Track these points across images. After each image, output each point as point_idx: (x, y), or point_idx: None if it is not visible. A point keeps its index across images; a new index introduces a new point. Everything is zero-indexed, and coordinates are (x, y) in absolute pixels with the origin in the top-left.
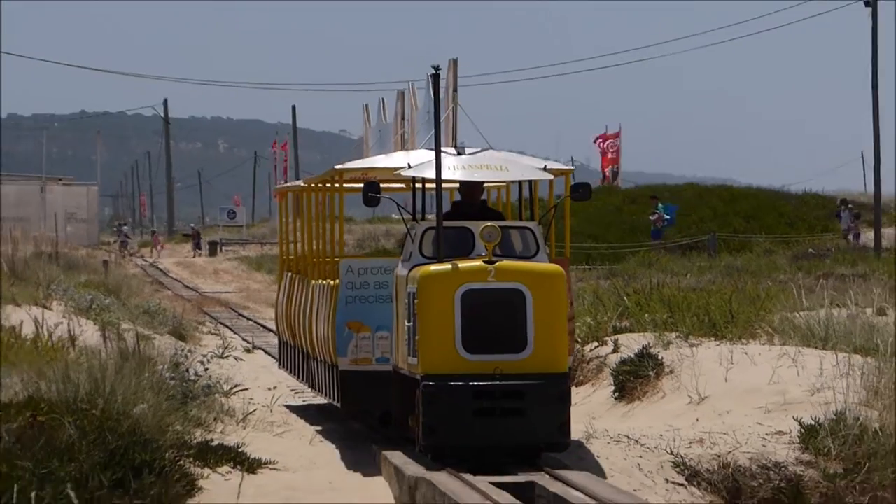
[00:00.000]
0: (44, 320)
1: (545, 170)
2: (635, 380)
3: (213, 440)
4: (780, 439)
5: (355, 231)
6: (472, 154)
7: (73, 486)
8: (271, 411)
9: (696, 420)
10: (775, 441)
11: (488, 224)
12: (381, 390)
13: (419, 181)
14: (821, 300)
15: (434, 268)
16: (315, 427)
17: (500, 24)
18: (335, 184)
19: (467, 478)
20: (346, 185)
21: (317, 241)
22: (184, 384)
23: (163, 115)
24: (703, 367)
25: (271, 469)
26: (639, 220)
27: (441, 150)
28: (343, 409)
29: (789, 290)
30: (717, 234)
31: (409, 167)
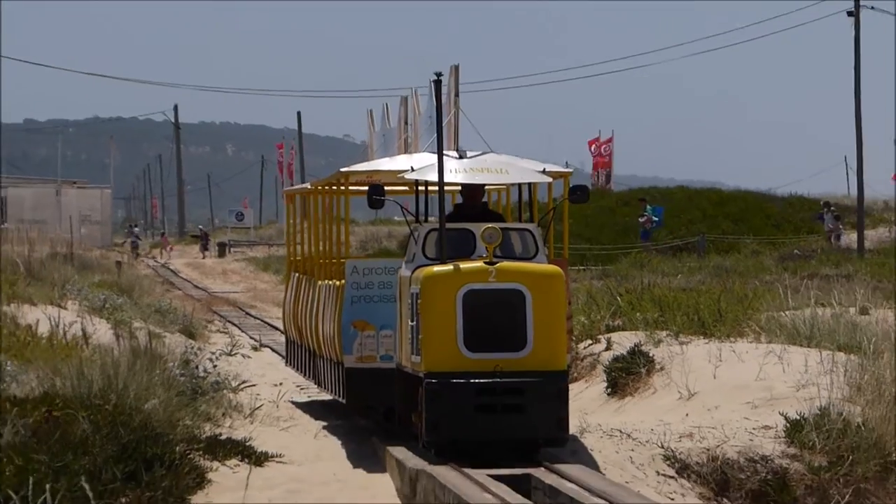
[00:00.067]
0: (59, 319)
1: (544, 173)
2: (627, 376)
3: (221, 434)
4: (767, 433)
5: (358, 233)
6: (473, 157)
7: (86, 479)
8: (277, 407)
9: (686, 415)
10: (762, 435)
11: (489, 226)
12: (385, 387)
13: (422, 184)
14: (806, 300)
15: (437, 269)
16: (320, 422)
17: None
18: (341, 186)
19: (466, 470)
20: (352, 188)
21: (323, 243)
22: (193, 380)
23: (173, 121)
24: (693, 365)
25: (278, 462)
26: (631, 222)
27: (443, 153)
28: (348, 405)
29: (776, 289)
30: (706, 236)
31: (413, 170)
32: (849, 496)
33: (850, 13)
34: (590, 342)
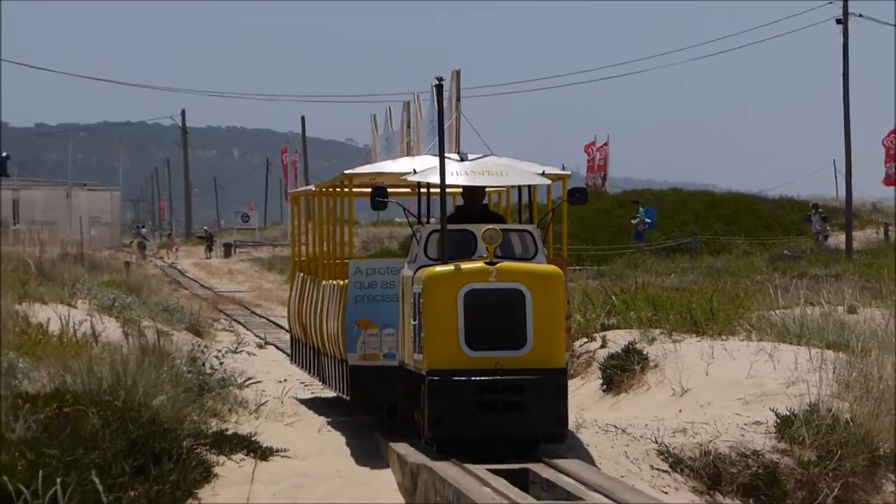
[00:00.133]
0: (69, 318)
1: (543, 175)
2: (622, 373)
3: (227, 429)
4: (758, 429)
5: (360, 234)
6: (474, 160)
7: (96, 473)
8: (282, 402)
9: (679, 411)
10: (753, 430)
11: (490, 227)
12: (388, 384)
13: (424, 186)
14: (796, 299)
15: (438, 269)
16: (323, 418)
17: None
18: (345, 188)
19: (466, 465)
20: (355, 190)
21: (327, 243)
22: (200, 377)
23: (180, 125)
24: (686, 362)
25: (282, 456)
26: (625, 224)
27: (445, 156)
28: (352, 402)
29: (766, 289)
30: (699, 237)
31: (415, 173)
32: (837, 490)
33: (838, 21)
34: (585, 340)
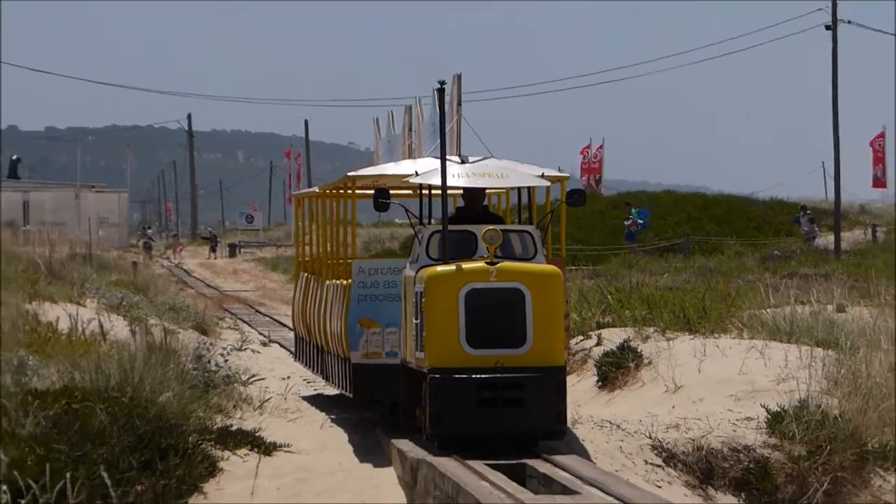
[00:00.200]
0: (78, 316)
1: (542, 177)
2: (617, 370)
3: (232, 425)
4: (749, 424)
5: (362, 234)
6: (474, 163)
7: (104, 468)
8: (285, 399)
9: (673, 407)
10: (744, 426)
11: (490, 228)
12: (391, 382)
13: (426, 188)
14: (786, 298)
15: (440, 269)
16: (326, 414)
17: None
18: (348, 190)
19: (464, 460)
20: (358, 192)
21: (330, 244)
22: (205, 374)
23: (187, 129)
24: (679, 359)
25: (286, 452)
26: (620, 225)
27: (446, 158)
28: (355, 399)
29: (757, 288)
30: (692, 238)
31: (417, 175)
32: (827, 484)
33: (828, 27)
34: (581, 338)
